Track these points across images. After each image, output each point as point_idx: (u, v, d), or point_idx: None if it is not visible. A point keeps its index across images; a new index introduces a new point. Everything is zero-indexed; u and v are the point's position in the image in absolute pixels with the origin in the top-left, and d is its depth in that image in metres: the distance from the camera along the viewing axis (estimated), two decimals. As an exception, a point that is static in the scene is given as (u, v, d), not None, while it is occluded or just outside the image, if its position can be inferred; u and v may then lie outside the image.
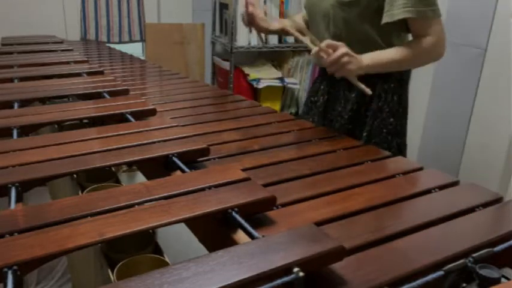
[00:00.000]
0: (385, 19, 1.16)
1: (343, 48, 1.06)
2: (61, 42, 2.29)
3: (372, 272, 0.56)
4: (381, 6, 1.17)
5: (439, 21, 1.17)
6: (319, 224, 0.65)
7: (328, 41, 1.08)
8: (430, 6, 1.14)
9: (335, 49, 1.06)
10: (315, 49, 1.09)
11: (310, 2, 1.33)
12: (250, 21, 1.43)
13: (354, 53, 1.09)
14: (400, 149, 1.31)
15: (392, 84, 1.27)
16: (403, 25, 1.20)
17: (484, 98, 2.14)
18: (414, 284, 0.54)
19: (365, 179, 0.86)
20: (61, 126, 1.23)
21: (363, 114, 1.29)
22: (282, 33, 1.49)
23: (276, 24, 1.46)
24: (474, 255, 0.59)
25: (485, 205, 0.76)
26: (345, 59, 1.06)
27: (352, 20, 1.22)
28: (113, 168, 1.24)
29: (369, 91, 1.13)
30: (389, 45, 1.22)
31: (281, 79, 2.88)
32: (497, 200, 0.79)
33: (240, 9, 2.78)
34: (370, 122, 1.28)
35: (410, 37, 1.25)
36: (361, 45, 1.21)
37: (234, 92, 1.98)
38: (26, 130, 1.02)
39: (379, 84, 1.26)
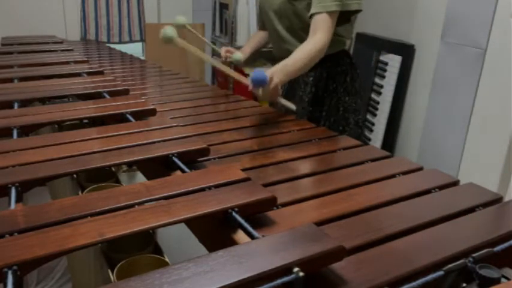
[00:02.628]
0: (309, 12, 1.31)
1: (275, 79, 1.17)
2: (61, 42, 2.29)
3: (372, 272, 0.56)
4: None
5: (329, 15, 1.30)
6: (319, 224, 0.65)
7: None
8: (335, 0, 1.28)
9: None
10: (250, 86, 1.17)
11: (264, 1, 1.50)
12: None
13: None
14: (359, 125, 1.48)
15: (344, 66, 1.46)
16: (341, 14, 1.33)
17: (484, 98, 2.14)
18: (414, 284, 0.54)
19: (365, 179, 0.86)
20: (61, 126, 1.23)
21: (321, 96, 1.46)
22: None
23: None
24: (474, 255, 0.59)
25: (485, 205, 0.76)
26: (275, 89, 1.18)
27: (300, 12, 1.38)
28: (113, 168, 1.24)
29: (293, 106, 1.33)
30: (334, 33, 1.38)
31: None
32: (497, 200, 0.79)
33: (240, 9, 2.78)
34: (328, 102, 1.45)
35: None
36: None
37: (234, 92, 1.98)
38: (26, 130, 1.02)
39: (332, 68, 1.44)
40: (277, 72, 1.19)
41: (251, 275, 0.49)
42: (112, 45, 2.68)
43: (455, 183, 0.86)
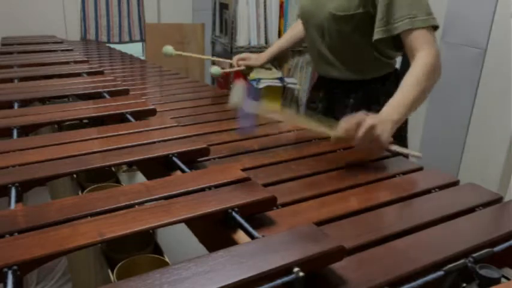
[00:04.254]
0: (380, 35, 1.13)
1: (367, 122, 0.89)
2: (61, 42, 2.29)
3: (372, 272, 0.56)
4: (374, 19, 1.14)
5: (433, 32, 1.11)
6: (319, 224, 0.65)
7: (347, 124, 0.91)
8: (429, 14, 1.09)
9: (358, 125, 0.90)
10: (334, 135, 0.94)
11: (305, 12, 1.32)
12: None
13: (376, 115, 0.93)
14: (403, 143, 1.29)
15: (390, 87, 1.22)
16: (396, 37, 1.15)
17: (484, 98, 2.14)
18: (414, 284, 0.54)
19: (365, 179, 0.86)
20: (61, 126, 1.23)
21: None
22: (278, 56, 1.61)
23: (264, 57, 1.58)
24: (474, 255, 0.59)
25: (485, 205, 0.76)
26: (372, 132, 0.90)
27: (346, 33, 1.21)
28: (113, 168, 1.24)
29: (419, 154, 0.98)
30: (385, 55, 1.23)
31: (281, 79, 2.88)
32: (497, 200, 0.79)
33: (240, 9, 2.78)
34: None
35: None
36: (355, 56, 1.23)
37: (234, 92, 1.98)
38: (26, 130, 1.02)
39: (376, 88, 1.27)
40: (389, 111, 0.96)
41: (251, 275, 0.49)
42: (112, 45, 2.68)
43: (455, 183, 0.86)
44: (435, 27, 1.10)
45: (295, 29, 1.55)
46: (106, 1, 2.90)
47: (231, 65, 1.60)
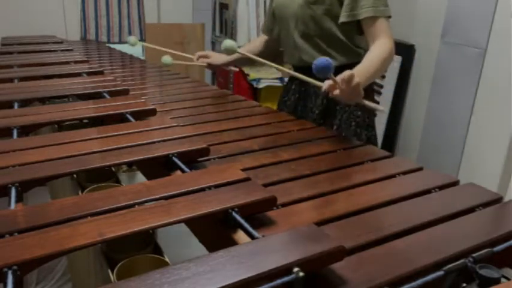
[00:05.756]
0: (345, 18, 1.26)
1: (348, 71, 1.00)
2: (61, 42, 2.29)
3: (372, 272, 0.56)
4: (343, 4, 1.27)
5: (388, 21, 1.26)
6: (319, 224, 0.65)
7: (342, 76, 1.00)
8: (386, 6, 1.24)
9: (348, 81, 1.00)
10: (326, 84, 1.03)
11: (280, 4, 1.42)
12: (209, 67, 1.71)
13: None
14: (371, 141, 1.38)
15: None
16: (360, 25, 1.28)
17: (484, 98, 2.14)
18: (414, 284, 0.54)
19: (365, 179, 0.86)
20: (61, 126, 1.23)
21: (333, 109, 1.38)
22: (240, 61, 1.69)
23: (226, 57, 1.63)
24: (474, 255, 0.59)
25: (485, 205, 0.76)
26: (353, 79, 1.01)
27: (318, 17, 1.32)
28: (113, 168, 1.24)
29: (382, 108, 1.15)
30: (352, 42, 1.34)
31: (281, 79, 2.88)
32: (497, 200, 0.79)
33: (240, 9, 2.78)
34: (339, 116, 1.36)
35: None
36: (327, 42, 1.34)
37: (234, 92, 1.98)
38: (26, 130, 1.02)
39: None
40: (359, 72, 1.06)
41: (251, 275, 0.49)
42: (112, 45, 2.68)
43: (455, 183, 0.86)
44: (389, 17, 1.27)
45: (255, 42, 1.67)
46: (106, 1, 2.90)
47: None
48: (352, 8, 1.25)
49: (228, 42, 1.30)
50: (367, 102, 1.08)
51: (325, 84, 1.03)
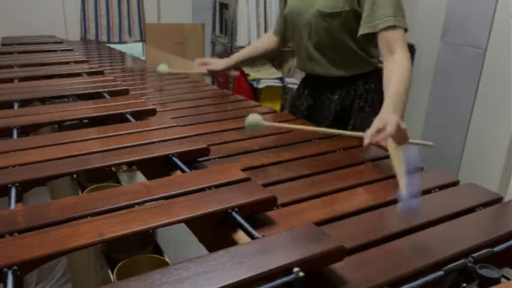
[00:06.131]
0: (365, 30, 1.21)
1: (393, 120, 0.97)
2: (61, 42, 2.29)
3: (372, 272, 0.56)
4: (360, 17, 1.22)
5: (405, 34, 1.21)
6: (319, 224, 0.65)
7: (374, 128, 0.96)
8: (404, 17, 1.20)
9: (384, 126, 0.96)
10: (366, 142, 0.95)
11: (293, 11, 1.37)
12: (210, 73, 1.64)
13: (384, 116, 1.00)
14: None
15: (373, 84, 1.34)
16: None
17: (484, 98, 2.14)
18: (414, 284, 0.54)
19: (365, 179, 0.86)
20: (61, 126, 1.23)
21: (347, 115, 1.36)
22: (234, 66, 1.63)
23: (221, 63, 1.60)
24: (474, 255, 0.59)
25: (485, 205, 0.76)
26: (400, 127, 0.98)
27: (333, 30, 1.28)
28: (113, 168, 1.24)
29: (431, 143, 1.06)
30: (367, 53, 1.31)
31: (281, 79, 2.88)
32: (497, 200, 0.79)
33: (240, 9, 2.78)
34: (352, 122, 1.35)
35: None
36: (340, 53, 1.30)
37: (234, 92, 1.98)
38: (26, 130, 1.02)
39: (360, 85, 1.34)
40: (394, 116, 1.00)
41: (251, 275, 0.49)
42: (112, 45, 2.68)
43: (455, 183, 0.86)
44: (406, 30, 1.21)
45: (263, 42, 1.61)
46: (106, 1, 2.90)
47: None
48: (372, 19, 1.20)
49: (252, 118, 0.99)
50: (414, 141, 1.05)
51: (366, 142, 0.94)
